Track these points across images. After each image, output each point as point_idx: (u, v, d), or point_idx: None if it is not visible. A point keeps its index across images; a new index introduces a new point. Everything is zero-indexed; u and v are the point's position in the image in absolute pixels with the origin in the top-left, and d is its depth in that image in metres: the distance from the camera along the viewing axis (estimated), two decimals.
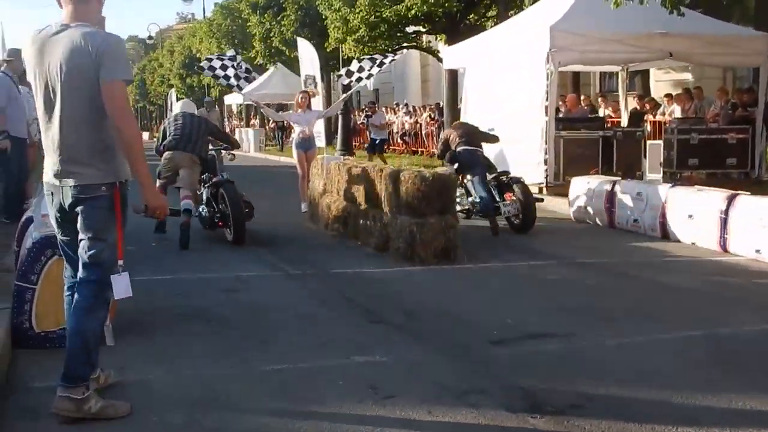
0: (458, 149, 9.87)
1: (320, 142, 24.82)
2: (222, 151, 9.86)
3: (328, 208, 9.51)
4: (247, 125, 39.43)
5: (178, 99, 47.23)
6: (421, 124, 24.89)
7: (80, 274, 3.74)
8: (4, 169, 8.87)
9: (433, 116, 23.78)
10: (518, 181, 9.57)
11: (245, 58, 33.85)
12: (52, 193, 3.76)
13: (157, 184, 8.25)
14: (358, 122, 30.90)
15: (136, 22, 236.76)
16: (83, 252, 3.70)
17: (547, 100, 12.10)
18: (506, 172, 9.95)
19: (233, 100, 36.01)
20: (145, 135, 58.69)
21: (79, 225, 3.70)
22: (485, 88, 13.75)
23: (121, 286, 3.71)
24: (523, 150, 12.50)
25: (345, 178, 9.07)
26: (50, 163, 3.72)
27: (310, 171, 10.68)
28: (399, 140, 26.51)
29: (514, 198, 9.34)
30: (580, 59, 12.96)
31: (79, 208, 3.67)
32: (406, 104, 28.25)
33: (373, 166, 8.48)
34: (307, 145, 11.81)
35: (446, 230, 7.47)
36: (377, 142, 20.65)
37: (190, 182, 8.82)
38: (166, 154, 8.90)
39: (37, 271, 4.78)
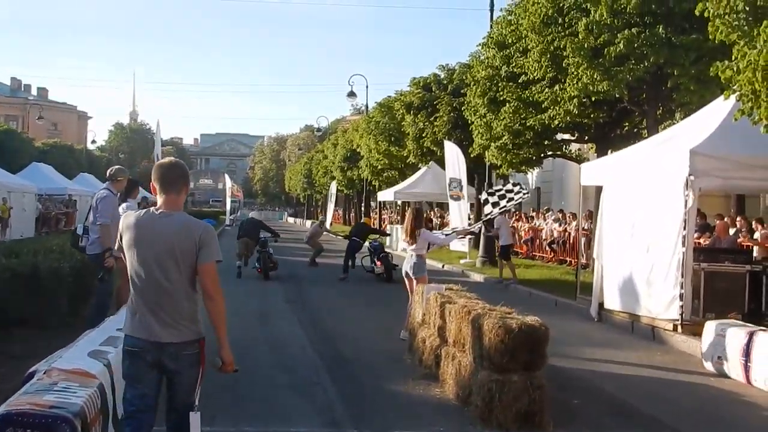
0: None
1: (463, 245, 24.50)
2: (269, 236, 20.15)
3: (423, 343, 8.87)
4: (402, 221, 39.57)
5: (337, 191, 48.89)
6: (570, 233, 23.81)
7: (173, 416, 4.46)
8: (101, 284, 9.01)
9: (584, 225, 22.65)
10: None
11: (398, 157, 34.39)
12: (140, 349, 4.37)
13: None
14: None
15: (312, 111, 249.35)
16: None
17: (684, 228, 10.99)
18: None
19: (384, 197, 36.33)
20: (308, 222, 60.69)
21: (180, 378, 4.41)
22: (621, 210, 12.76)
23: (196, 423, 4.38)
24: (658, 281, 11.40)
25: (438, 312, 8.44)
26: (146, 322, 4.36)
27: (413, 298, 10.11)
28: (547, 248, 25.46)
29: None
30: (722, 185, 11.81)
31: (174, 362, 4.35)
32: (561, 210, 27.22)
33: (462, 306, 7.76)
34: (415, 269, 11.03)
35: (531, 390, 6.59)
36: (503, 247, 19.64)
37: (248, 253, 19.58)
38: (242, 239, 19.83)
39: None
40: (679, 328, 10.98)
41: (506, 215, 20.49)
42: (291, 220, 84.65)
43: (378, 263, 19.56)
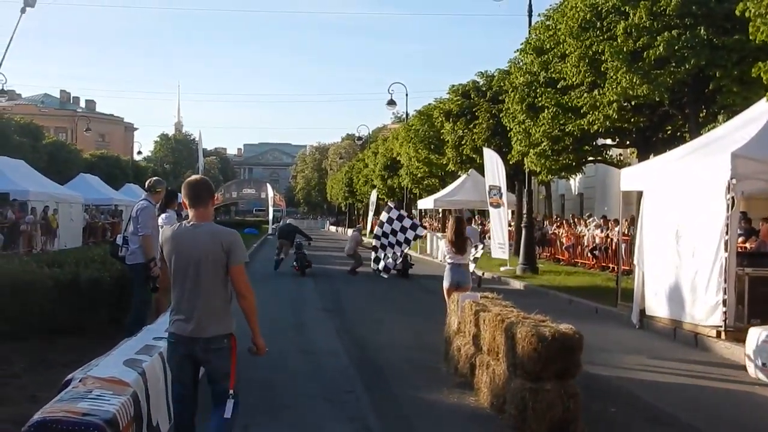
0: None
1: (504, 253, 24.31)
2: (301, 238, 23.96)
3: (458, 351, 8.83)
4: (443, 229, 39.45)
5: (378, 199, 48.91)
6: (612, 239, 23.49)
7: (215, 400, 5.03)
8: (140, 291, 9.17)
9: (626, 230, 22.31)
10: None
11: (438, 164, 34.33)
12: (177, 343, 5.04)
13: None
14: (550, 231, 29.89)
15: (353, 120, 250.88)
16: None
17: (727, 233, 10.77)
18: None
19: (424, 205, 36.34)
20: (349, 231, 60.78)
21: (211, 367, 5.03)
22: (663, 215, 12.54)
23: (230, 408, 4.91)
24: (700, 287, 11.20)
25: (473, 320, 8.39)
26: (184, 320, 4.98)
27: (448, 306, 10.06)
28: (589, 254, 25.15)
29: None
30: (766, 188, 11.50)
31: (205, 354, 4.97)
32: (604, 216, 26.86)
33: (496, 314, 7.70)
34: (459, 277, 11.01)
35: (565, 399, 6.51)
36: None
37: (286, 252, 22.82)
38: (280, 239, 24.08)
39: None
40: (723, 335, 10.75)
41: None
42: (332, 228, 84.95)
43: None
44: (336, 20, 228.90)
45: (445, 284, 10.96)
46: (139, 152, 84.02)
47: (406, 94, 59.33)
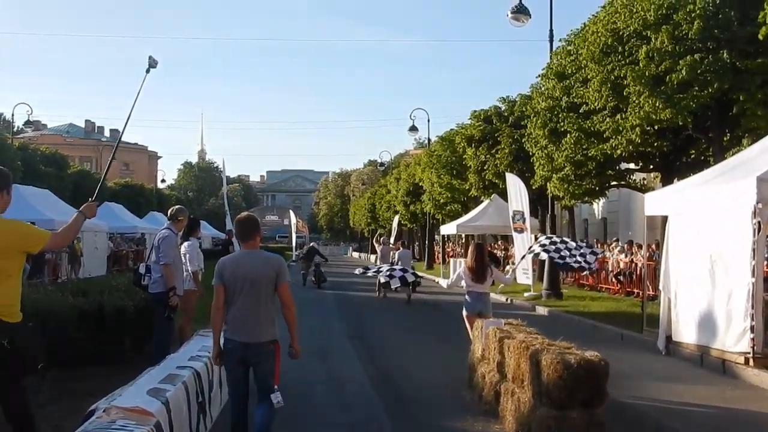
0: None
1: (527, 278, 24.16)
2: (319, 258, 29.71)
3: (483, 378, 8.75)
4: (466, 254, 39.33)
5: (400, 225, 48.98)
6: (636, 264, 23.28)
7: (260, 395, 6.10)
8: (162, 319, 9.20)
9: (651, 255, 22.10)
10: None
11: (461, 190, 34.30)
12: (233, 347, 6.04)
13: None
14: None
15: (376, 146, 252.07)
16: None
17: (754, 258, 10.63)
18: None
19: (447, 230, 36.27)
20: (372, 257, 60.78)
21: (260, 367, 6.08)
22: (688, 240, 12.40)
23: (275, 399, 6.02)
24: (727, 312, 11.05)
25: (497, 347, 8.32)
26: (241, 329, 6.01)
27: (472, 333, 9.98)
28: (613, 279, 24.93)
29: None
30: None
31: (256, 356, 6.03)
32: (630, 242, 26.59)
33: (521, 341, 7.63)
34: (489, 306, 10.89)
35: (591, 428, 6.43)
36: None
37: (307, 268, 29.28)
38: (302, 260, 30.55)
39: None
40: (751, 362, 10.57)
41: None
42: (355, 254, 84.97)
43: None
44: (357, 47, 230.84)
45: (465, 312, 10.86)
46: (163, 180, 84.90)
47: (428, 120, 59.47)
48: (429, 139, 45.62)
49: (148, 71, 7.75)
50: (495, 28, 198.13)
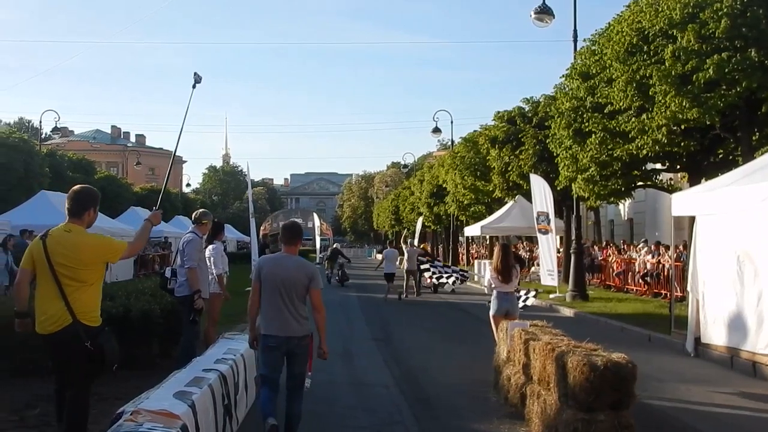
0: None
1: (553, 279, 24.00)
2: (342, 259, 32.62)
3: (508, 380, 8.70)
4: (490, 255, 39.19)
5: (423, 227, 48.88)
6: (663, 265, 23.05)
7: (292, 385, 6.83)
8: (188, 323, 9.23)
9: (679, 256, 21.86)
10: None
11: (485, 191, 34.22)
12: (274, 341, 6.67)
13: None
14: (599, 257, 29.41)
15: (399, 148, 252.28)
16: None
17: None
18: None
19: (470, 232, 36.17)
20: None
21: (297, 357, 6.78)
22: (717, 241, 12.27)
23: (308, 383, 6.84)
24: (757, 313, 10.91)
25: (523, 349, 8.26)
26: (280, 324, 6.63)
27: (497, 335, 9.93)
28: (640, 280, 24.71)
29: None
30: None
31: (296, 347, 6.72)
32: (658, 242, 26.32)
33: (546, 343, 7.57)
34: (508, 305, 10.88)
35: (619, 430, 6.34)
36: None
37: (332, 268, 32.59)
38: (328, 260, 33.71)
39: None
40: None
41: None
42: (379, 256, 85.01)
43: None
44: (378, 50, 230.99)
45: (492, 312, 10.87)
46: (188, 184, 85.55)
47: (452, 122, 58.96)
48: (452, 141, 45.54)
49: (194, 86, 8.38)
50: (518, 29, 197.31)
